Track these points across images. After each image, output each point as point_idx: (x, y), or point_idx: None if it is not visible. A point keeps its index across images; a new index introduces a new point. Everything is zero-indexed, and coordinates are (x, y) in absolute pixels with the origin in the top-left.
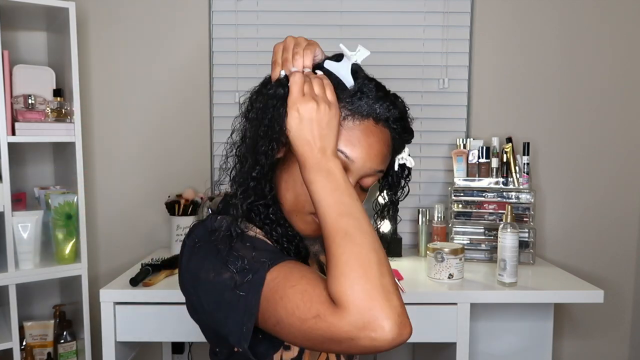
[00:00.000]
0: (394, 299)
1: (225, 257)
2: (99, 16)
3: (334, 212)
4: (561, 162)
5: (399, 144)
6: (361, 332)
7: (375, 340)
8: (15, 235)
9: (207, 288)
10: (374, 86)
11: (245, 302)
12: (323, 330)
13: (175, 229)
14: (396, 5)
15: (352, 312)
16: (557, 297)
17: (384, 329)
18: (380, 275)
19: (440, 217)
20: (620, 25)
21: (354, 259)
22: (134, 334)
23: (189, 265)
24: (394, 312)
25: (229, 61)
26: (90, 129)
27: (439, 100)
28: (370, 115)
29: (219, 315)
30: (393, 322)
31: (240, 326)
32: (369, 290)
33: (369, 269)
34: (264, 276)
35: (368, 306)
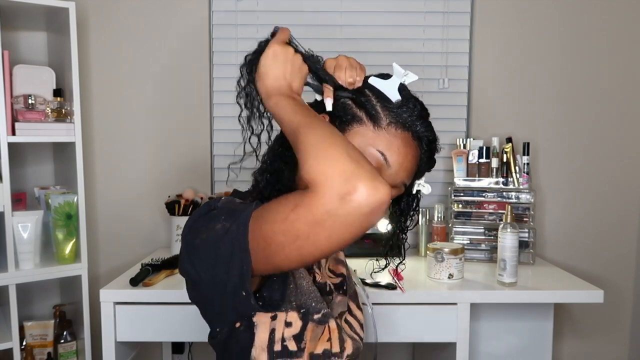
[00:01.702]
0: (362, 162)
1: (219, 213)
2: (99, 16)
3: (298, 117)
4: (561, 162)
5: (422, 168)
6: (337, 200)
7: (352, 202)
8: (15, 235)
9: (203, 250)
10: (419, 105)
11: (238, 242)
12: (304, 216)
13: (175, 229)
14: (396, 5)
15: (326, 184)
16: (557, 297)
17: (357, 188)
18: (345, 147)
19: (440, 217)
20: (620, 26)
21: (318, 140)
22: (134, 334)
23: (186, 238)
24: (365, 172)
25: (229, 61)
26: (90, 129)
27: (439, 100)
28: (411, 129)
29: (218, 271)
30: (364, 178)
31: (240, 266)
32: (336, 160)
33: (332, 143)
34: (249, 213)
35: (337, 172)
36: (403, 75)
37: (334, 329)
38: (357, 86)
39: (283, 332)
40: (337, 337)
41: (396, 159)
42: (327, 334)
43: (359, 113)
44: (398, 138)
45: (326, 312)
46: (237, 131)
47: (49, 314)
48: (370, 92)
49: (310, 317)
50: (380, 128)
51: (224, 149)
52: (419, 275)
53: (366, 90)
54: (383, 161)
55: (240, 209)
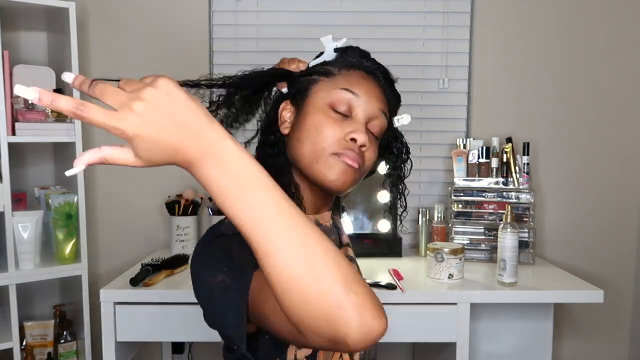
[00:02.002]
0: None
1: (220, 260)
2: (99, 16)
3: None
4: (561, 162)
5: (390, 100)
6: (330, 345)
7: (347, 346)
8: (16, 235)
9: (208, 292)
10: (357, 48)
11: (237, 304)
12: (301, 342)
13: (175, 229)
14: (396, 5)
15: (311, 336)
16: (557, 297)
17: (347, 337)
18: (320, 287)
19: (440, 217)
20: (620, 26)
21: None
22: (134, 334)
23: (194, 270)
24: (352, 316)
25: (229, 61)
26: (90, 129)
27: (439, 100)
28: (360, 67)
29: (219, 318)
30: (354, 326)
31: (237, 327)
32: (312, 307)
33: (305, 287)
34: (249, 278)
35: (320, 325)
36: (332, 42)
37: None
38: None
39: (296, 354)
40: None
41: (361, 89)
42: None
43: (311, 78)
44: (353, 75)
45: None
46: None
47: (49, 314)
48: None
49: None
50: (334, 75)
51: None
52: (419, 275)
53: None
54: (351, 95)
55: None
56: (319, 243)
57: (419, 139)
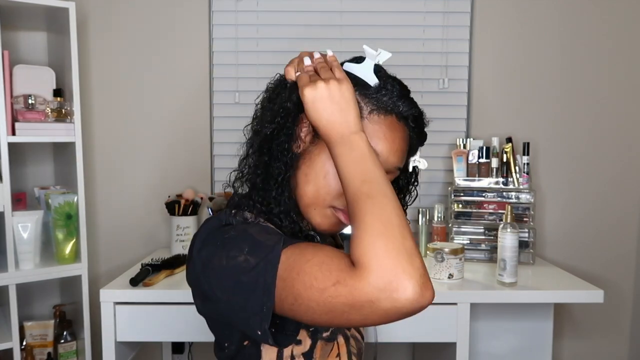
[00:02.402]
0: (416, 260)
1: (239, 241)
2: (99, 16)
3: (358, 180)
4: (561, 162)
5: (414, 145)
6: (382, 293)
7: (396, 301)
8: (15, 235)
9: (221, 274)
10: (398, 84)
11: (264, 282)
12: (344, 296)
13: (175, 229)
14: (396, 5)
15: (374, 272)
16: (557, 297)
17: (406, 288)
18: (402, 237)
19: (440, 217)
20: (620, 26)
21: (376, 220)
22: (134, 334)
23: (200, 254)
24: (416, 272)
25: (229, 61)
26: (90, 129)
27: (439, 100)
28: (393, 111)
29: (236, 300)
30: (415, 281)
31: (261, 307)
32: (391, 250)
33: (391, 229)
34: (279, 254)
35: (390, 265)
36: (376, 56)
37: (342, 344)
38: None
39: (292, 350)
40: (346, 351)
41: (383, 146)
42: (336, 349)
43: None
44: (382, 124)
45: (335, 329)
46: (238, 131)
47: (49, 314)
48: None
49: (320, 336)
50: (363, 119)
51: (224, 149)
52: None
53: None
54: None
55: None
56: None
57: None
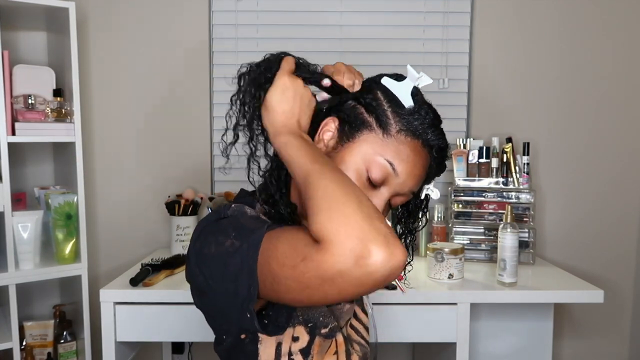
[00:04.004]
0: (376, 222)
1: (228, 228)
2: (99, 16)
3: (308, 161)
4: (561, 162)
5: (431, 174)
6: (349, 261)
7: (366, 266)
8: (15, 235)
9: (212, 262)
10: (432, 112)
11: (248, 264)
12: (314, 271)
13: (175, 229)
14: (396, 5)
15: (336, 244)
16: (557, 297)
17: (370, 251)
18: (358, 203)
19: (440, 217)
20: (620, 26)
21: (329, 192)
22: (134, 334)
23: (195, 246)
24: (379, 234)
25: (229, 61)
26: (90, 129)
27: (439, 100)
28: (421, 137)
29: (226, 285)
30: (380, 242)
31: (247, 288)
32: (349, 217)
33: (345, 198)
34: (261, 236)
35: (350, 232)
36: (417, 79)
37: (341, 342)
38: (357, 89)
39: (290, 346)
40: (344, 350)
41: (404, 168)
42: (334, 347)
43: (369, 119)
44: (407, 146)
45: (333, 326)
46: None
47: (49, 314)
48: (383, 94)
49: (318, 332)
50: (390, 136)
51: None
52: (419, 275)
53: (378, 93)
54: (391, 170)
55: (250, 228)
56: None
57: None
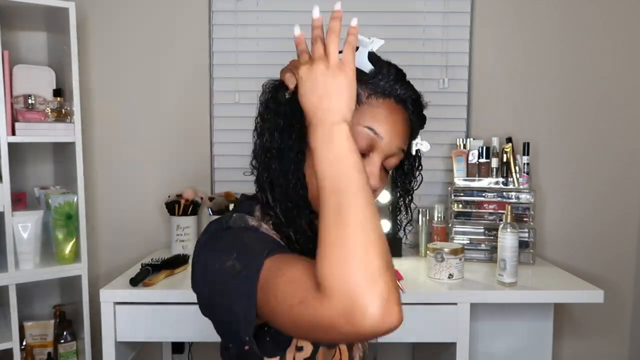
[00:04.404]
0: (379, 283)
1: (231, 246)
2: (99, 16)
3: (329, 188)
4: (561, 162)
5: (415, 128)
6: (342, 318)
7: (356, 326)
8: (15, 235)
9: (214, 278)
10: (393, 69)
11: (247, 289)
12: (308, 316)
13: (175, 229)
14: (396, 5)
15: (333, 297)
16: (557, 297)
17: (364, 314)
18: (365, 258)
19: (440, 217)
20: (620, 26)
21: (339, 241)
22: (134, 334)
23: (199, 258)
24: (377, 297)
25: (229, 61)
26: (90, 129)
27: (439, 100)
28: (391, 94)
29: (225, 304)
30: (376, 306)
31: (245, 313)
32: (350, 274)
33: (354, 250)
34: (261, 263)
35: (347, 290)
36: (370, 44)
37: (344, 350)
38: None
39: (294, 356)
40: (347, 357)
41: (385, 128)
42: (338, 356)
43: None
44: (381, 107)
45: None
46: (238, 131)
47: (49, 314)
48: None
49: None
50: (362, 104)
51: (224, 149)
52: (419, 275)
53: None
54: (373, 135)
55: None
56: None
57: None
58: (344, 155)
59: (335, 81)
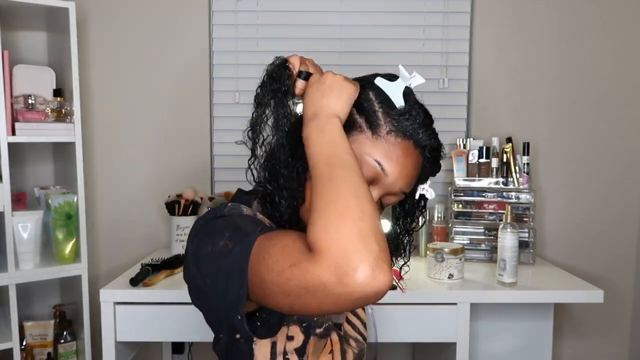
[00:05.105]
0: (371, 242)
1: (224, 228)
2: (99, 16)
3: (323, 162)
4: (561, 162)
5: (425, 174)
6: (332, 277)
7: (346, 285)
8: (15, 235)
9: (207, 262)
10: (423, 112)
11: (239, 266)
12: (298, 279)
13: (175, 229)
14: (396, 5)
15: (325, 255)
16: (557, 297)
17: (354, 272)
18: (358, 219)
19: (440, 217)
20: (620, 26)
21: (332, 203)
22: (134, 334)
23: (192, 245)
24: (369, 255)
25: (229, 61)
26: (90, 129)
27: (439, 100)
28: (412, 137)
29: (218, 285)
30: (367, 264)
31: (238, 290)
32: (343, 233)
33: (346, 212)
34: (254, 239)
35: (340, 248)
36: (409, 79)
37: (336, 341)
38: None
39: (285, 346)
40: (339, 348)
41: (394, 168)
42: (329, 346)
43: (359, 119)
44: (397, 147)
45: (328, 326)
46: (238, 131)
47: (49, 314)
48: (375, 94)
49: (313, 331)
50: (379, 137)
51: (224, 149)
52: (419, 275)
53: (370, 93)
54: (380, 170)
55: (245, 229)
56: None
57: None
58: (336, 141)
59: (342, 85)
